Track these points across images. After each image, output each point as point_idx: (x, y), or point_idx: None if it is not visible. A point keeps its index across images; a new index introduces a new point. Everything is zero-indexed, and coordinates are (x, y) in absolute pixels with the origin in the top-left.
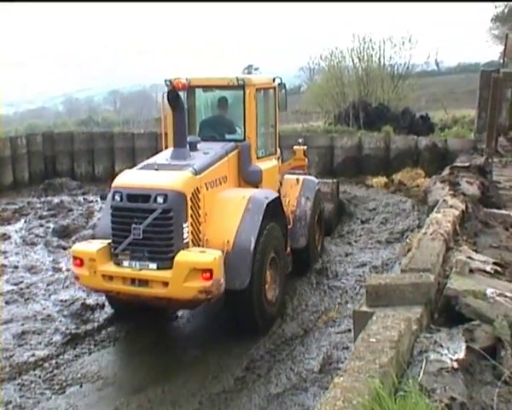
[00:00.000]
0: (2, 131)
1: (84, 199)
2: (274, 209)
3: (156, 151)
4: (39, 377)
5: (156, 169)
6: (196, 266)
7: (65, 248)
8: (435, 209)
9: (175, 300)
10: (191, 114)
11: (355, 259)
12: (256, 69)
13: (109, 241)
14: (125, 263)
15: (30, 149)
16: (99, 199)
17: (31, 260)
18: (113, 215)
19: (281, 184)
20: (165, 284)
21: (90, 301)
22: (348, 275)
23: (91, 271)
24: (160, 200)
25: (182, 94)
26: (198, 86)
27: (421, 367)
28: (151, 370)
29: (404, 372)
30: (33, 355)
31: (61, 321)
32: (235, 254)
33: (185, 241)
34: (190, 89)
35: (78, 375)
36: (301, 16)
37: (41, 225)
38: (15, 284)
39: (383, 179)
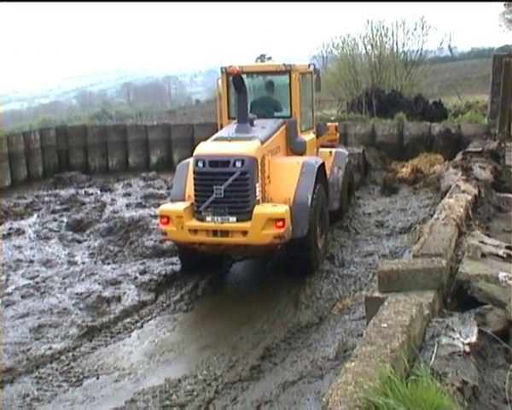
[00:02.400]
0: (15, 127)
1: (85, 192)
2: (320, 173)
3: (170, 143)
4: (56, 369)
5: (229, 140)
6: (272, 216)
7: (79, 242)
8: (448, 194)
9: (252, 246)
10: (254, 94)
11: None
12: (269, 58)
13: (189, 202)
14: (208, 218)
15: (43, 144)
16: (99, 191)
17: (46, 254)
18: (197, 179)
19: (317, 155)
20: (245, 233)
21: (106, 293)
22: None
23: (179, 226)
24: (238, 164)
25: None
26: (250, 72)
27: (432, 352)
28: (167, 361)
29: (416, 357)
30: (50, 348)
31: (77, 314)
32: (296, 209)
33: (257, 198)
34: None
35: (95, 367)
36: (313, 3)
37: (54, 220)
38: (31, 278)
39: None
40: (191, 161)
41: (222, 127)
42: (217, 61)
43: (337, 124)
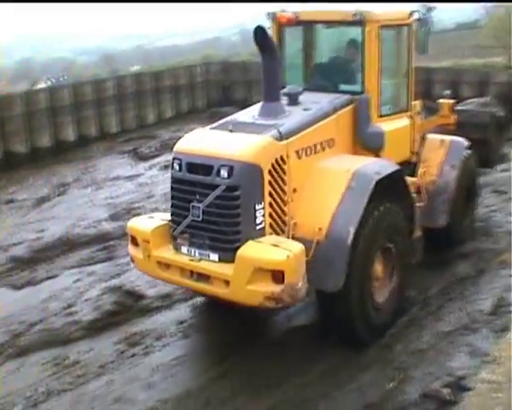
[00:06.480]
0: (178, 61)
1: None
2: (392, 186)
3: None
4: None
5: (231, 130)
6: (262, 264)
7: None
8: None
9: (238, 303)
10: (308, 56)
11: None
12: (429, 9)
13: (167, 220)
14: (184, 249)
15: (206, 78)
16: None
17: None
18: (173, 188)
19: (422, 145)
20: (227, 282)
21: None
22: None
23: (145, 254)
24: (223, 173)
25: (295, 30)
26: (306, 22)
27: None
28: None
29: None
30: None
31: None
32: (328, 247)
33: (258, 227)
34: (299, 24)
35: None
36: None
37: None
38: None
39: None
40: None
41: None
42: None
43: (453, 102)
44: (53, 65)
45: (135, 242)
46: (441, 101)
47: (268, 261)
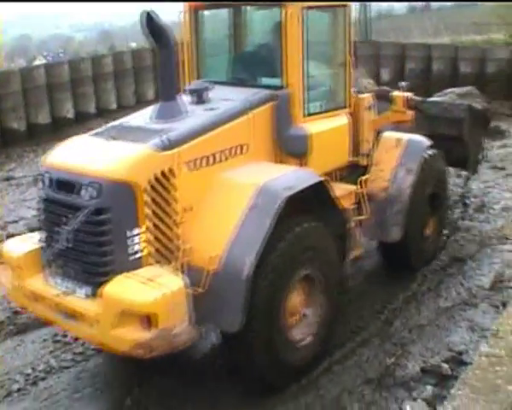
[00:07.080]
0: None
1: None
2: (317, 200)
3: None
4: None
5: (113, 138)
6: (128, 306)
7: None
8: None
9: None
10: (235, 44)
11: None
12: None
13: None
14: (54, 280)
15: None
16: None
17: None
18: (41, 209)
19: (375, 146)
20: (95, 322)
21: None
22: None
23: (15, 282)
24: (90, 193)
25: (226, 13)
26: (223, 5)
27: None
28: None
29: None
30: None
31: None
32: (222, 280)
33: (134, 257)
34: (215, 8)
35: None
36: None
37: None
38: None
39: None
40: None
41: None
42: None
43: (409, 95)
44: (50, 42)
45: (6, 266)
46: (395, 94)
47: (134, 303)
